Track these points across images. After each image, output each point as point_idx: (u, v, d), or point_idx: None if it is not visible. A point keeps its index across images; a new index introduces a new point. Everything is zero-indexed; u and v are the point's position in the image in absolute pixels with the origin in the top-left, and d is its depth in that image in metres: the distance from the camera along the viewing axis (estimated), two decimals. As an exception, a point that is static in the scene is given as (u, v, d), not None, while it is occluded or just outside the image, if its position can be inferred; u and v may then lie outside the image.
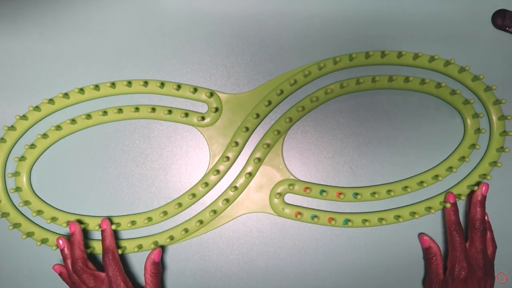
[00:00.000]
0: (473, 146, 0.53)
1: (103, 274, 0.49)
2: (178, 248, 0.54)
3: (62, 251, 0.50)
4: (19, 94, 0.54)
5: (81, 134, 0.54)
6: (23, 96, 0.54)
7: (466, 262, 0.49)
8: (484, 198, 0.51)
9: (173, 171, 0.55)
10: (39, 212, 0.52)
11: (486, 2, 0.55)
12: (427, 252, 0.52)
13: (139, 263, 0.54)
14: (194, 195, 0.53)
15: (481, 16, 0.55)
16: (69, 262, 0.49)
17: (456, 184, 0.54)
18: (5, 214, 0.52)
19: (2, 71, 0.54)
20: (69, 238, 0.51)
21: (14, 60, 0.54)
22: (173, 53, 0.54)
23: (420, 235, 0.54)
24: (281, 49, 0.55)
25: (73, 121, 0.52)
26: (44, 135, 0.53)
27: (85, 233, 0.53)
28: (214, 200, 0.53)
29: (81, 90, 0.52)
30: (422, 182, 0.53)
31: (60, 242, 0.50)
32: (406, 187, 0.53)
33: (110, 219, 0.53)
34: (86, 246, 0.52)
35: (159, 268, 0.51)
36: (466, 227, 0.52)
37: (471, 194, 0.52)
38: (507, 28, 0.54)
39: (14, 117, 0.52)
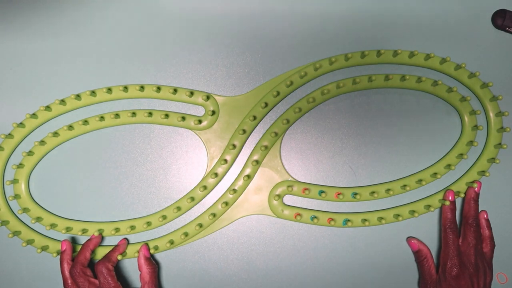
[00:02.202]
0: (471, 143, 0.53)
1: (97, 282, 0.49)
2: (178, 248, 0.55)
3: (63, 252, 0.51)
4: (17, 97, 0.54)
5: (79, 139, 0.54)
6: (22, 99, 0.54)
7: (458, 259, 0.49)
8: (477, 195, 0.52)
9: (173, 171, 0.55)
10: (38, 219, 0.52)
11: (486, 2, 0.55)
12: (417, 255, 0.53)
13: (133, 268, 0.55)
14: (193, 198, 0.53)
15: (481, 16, 0.55)
16: (65, 264, 0.50)
17: (454, 182, 0.54)
18: (4, 222, 0.52)
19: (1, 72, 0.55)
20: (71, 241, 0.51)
21: (13, 62, 0.54)
22: (173, 53, 0.54)
23: (409, 239, 0.54)
24: (277, 50, 0.54)
25: (70, 127, 0.52)
26: (42, 142, 0.53)
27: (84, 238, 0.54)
28: (213, 203, 0.53)
29: (78, 96, 0.52)
30: (420, 180, 0.53)
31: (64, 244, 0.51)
32: (405, 185, 0.53)
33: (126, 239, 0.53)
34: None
35: (153, 264, 0.51)
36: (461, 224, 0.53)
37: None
38: (507, 28, 0.54)
39: (11, 124, 0.52)
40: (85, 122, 0.53)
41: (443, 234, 0.51)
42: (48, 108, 0.52)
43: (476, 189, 0.52)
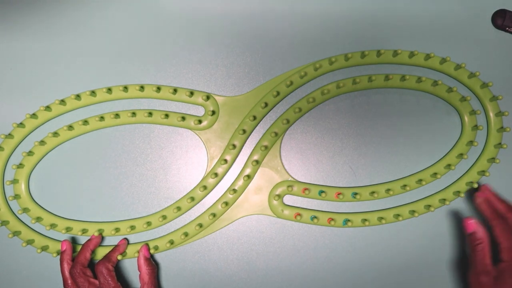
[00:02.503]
0: (471, 143, 0.53)
1: (97, 282, 0.49)
2: (178, 248, 0.55)
3: (63, 252, 0.51)
4: (17, 97, 0.54)
5: (79, 139, 0.54)
6: (22, 99, 0.54)
7: None
8: (482, 198, 0.50)
9: (173, 171, 0.55)
10: (38, 219, 0.52)
11: (486, 2, 0.55)
12: (471, 239, 0.46)
13: (133, 268, 0.55)
14: (193, 198, 0.53)
15: (481, 16, 0.55)
16: (65, 264, 0.50)
17: (455, 182, 0.54)
18: (4, 222, 0.52)
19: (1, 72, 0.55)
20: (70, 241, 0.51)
21: (13, 62, 0.54)
22: (173, 53, 0.55)
23: (465, 219, 0.48)
24: (277, 50, 0.54)
25: (70, 127, 0.52)
26: (42, 142, 0.53)
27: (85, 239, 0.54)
28: (213, 203, 0.53)
29: (78, 96, 0.52)
30: (420, 180, 0.53)
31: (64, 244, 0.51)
32: (405, 185, 0.53)
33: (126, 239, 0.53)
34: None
35: (153, 265, 0.52)
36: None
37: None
38: (507, 28, 0.54)
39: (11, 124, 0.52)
40: (85, 122, 0.53)
41: (495, 229, 0.46)
42: (48, 108, 0.52)
43: (479, 193, 0.50)
